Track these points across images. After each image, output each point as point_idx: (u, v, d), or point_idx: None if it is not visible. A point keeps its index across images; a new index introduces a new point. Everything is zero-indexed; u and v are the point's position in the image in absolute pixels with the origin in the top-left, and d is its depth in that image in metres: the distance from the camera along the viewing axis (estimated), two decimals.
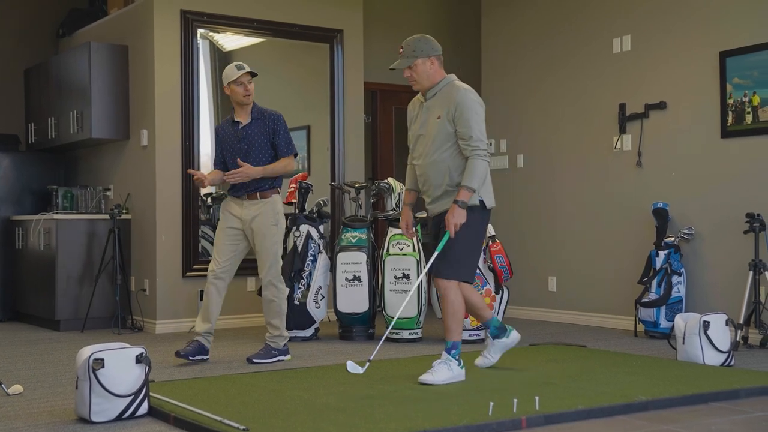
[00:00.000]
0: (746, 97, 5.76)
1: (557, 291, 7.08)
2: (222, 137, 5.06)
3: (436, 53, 4.26)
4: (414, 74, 4.23)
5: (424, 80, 4.25)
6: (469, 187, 4.10)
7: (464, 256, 4.22)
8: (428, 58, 4.23)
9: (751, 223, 5.51)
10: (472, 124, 4.15)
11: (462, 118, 4.15)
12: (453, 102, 4.18)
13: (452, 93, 4.22)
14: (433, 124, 4.23)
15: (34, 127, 7.76)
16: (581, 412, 3.53)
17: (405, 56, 4.24)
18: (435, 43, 4.28)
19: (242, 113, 5.00)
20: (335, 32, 7.25)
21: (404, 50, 4.25)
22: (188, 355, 4.87)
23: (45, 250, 6.78)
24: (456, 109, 4.16)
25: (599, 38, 6.75)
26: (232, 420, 3.28)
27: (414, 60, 4.21)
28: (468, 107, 4.17)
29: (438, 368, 4.14)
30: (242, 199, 4.97)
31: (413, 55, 4.22)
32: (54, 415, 3.62)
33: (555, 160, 7.10)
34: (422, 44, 4.24)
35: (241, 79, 4.89)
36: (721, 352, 4.69)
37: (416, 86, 4.30)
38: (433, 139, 4.22)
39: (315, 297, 5.88)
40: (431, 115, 4.25)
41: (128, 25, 6.96)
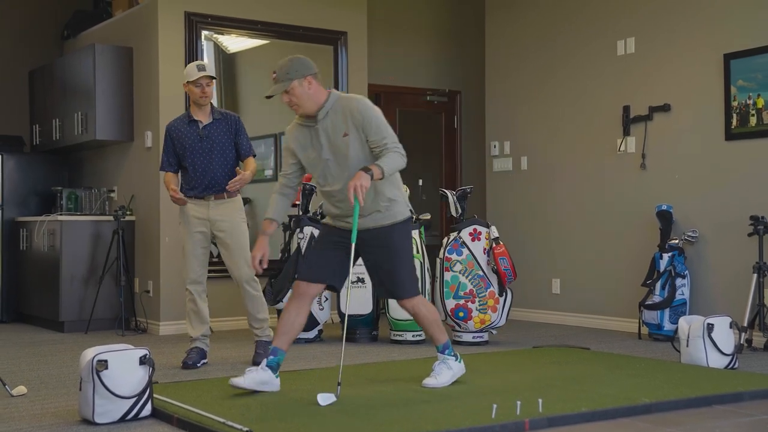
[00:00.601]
0: (750, 99, 5.75)
1: (561, 293, 7.07)
2: (177, 136, 4.97)
3: (312, 72, 3.96)
4: (293, 98, 3.92)
5: (306, 102, 3.93)
6: (380, 167, 3.82)
7: (413, 271, 4.17)
8: (304, 78, 3.91)
9: (755, 226, 5.50)
10: (383, 129, 3.95)
11: (371, 126, 3.93)
12: (355, 114, 3.93)
13: (349, 106, 3.96)
14: (343, 143, 3.94)
15: (38, 128, 7.77)
16: (585, 414, 3.53)
17: (279, 81, 3.92)
18: (309, 61, 3.99)
19: (200, 113, 4.99)
20: (339, 34, 7.26)
21: (277, 75, 3.93)
22: (195, 364, 4.88)
23: (49, 252, 6.80)
24: (362, 119, 3.92)
25: (603, 40, 6.75)
26: (236, 422, 3.28)
27: (289, 83, 3.89)
28: (372, 115, 3.95)
29: (438, 370, 4.14)
30: (207, 200, 4.95)
31: (288, 78, 3.90)
32: (57, 417, 3.63)
33: (559, 162, 7.10)
34: (296, 65, 3.94)
35: (199, 81, 4.91)
36: (725, 354, 4.68)
37: (299, 110, 3.97)
38: (350, 157, 3.94)
39: (318, 299, 5.88)
40: (335, 135, 3.95)
41: (133, 26, 6.98)
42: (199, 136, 4.95)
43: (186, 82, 4.96)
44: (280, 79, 3.93)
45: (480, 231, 5.73)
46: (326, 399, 3.67)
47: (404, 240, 4.08)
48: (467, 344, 5.70)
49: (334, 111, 3.97)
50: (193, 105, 5.01)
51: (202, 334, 4.98)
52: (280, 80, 3.93)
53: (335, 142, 3.96)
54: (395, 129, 6.82)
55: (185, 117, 5.04)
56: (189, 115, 5.02)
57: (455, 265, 5.69)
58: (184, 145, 4.95)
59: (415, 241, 5.77)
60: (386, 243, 4.03)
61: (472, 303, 5.65)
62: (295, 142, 4.07)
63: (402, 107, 8.35)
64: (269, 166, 7.43)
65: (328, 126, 3.97)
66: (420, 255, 5.77)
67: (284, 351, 4.04)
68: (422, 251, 5.80)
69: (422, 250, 5.80)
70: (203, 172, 4.94)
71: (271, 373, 3.98)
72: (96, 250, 6.75)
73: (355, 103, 3.98)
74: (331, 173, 4.00)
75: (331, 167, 3.99)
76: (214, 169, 4.95)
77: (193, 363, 4.87)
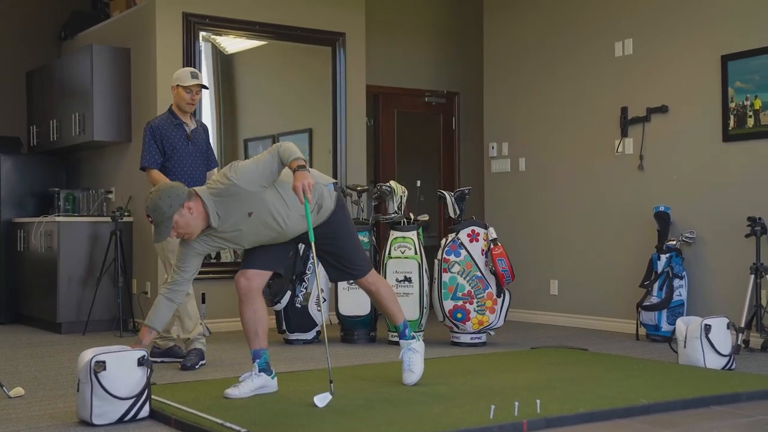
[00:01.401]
0: (748, 100, 5.76)
1: (559, 294, 7.08)
2: (165, 135, 4.94)
3: (183, 196, 3.65)
4: (181, 230, 3.67)
5: (194, 225, 3.69)
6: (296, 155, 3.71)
7: (361, 247, 4.18)
8: (180, 207, 3.62)
9: (753, 227, 5.51)
10: (254, 162, 3.76)
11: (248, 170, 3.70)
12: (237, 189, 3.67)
13: (229, 189, 3.68)
14: (256, 219, 3.75)
15: (36, 129, 7.77)
16: (582, 415, 3.53)
17: (159, 224, 3.63)
18: (176, 188, 3.67)
19: (185, 117, 5.05)
20: (338, 35, 7.26)
21: (154, 219, 3.63)
22: (194, 366, 4.87)
23: (47, 253, 6.79)
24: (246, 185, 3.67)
25: (601, 41, 6.76)
26: (234, 423, 3.28)
27: (171, 221, 3.62)
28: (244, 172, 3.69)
29: (409, 360, 4.14)
30: None
31: (167, 216, 3.60)
32: (55, 418, 3.62)
33: (557, 163, 7.10)
34: (165, 200, 3.60)
35: (191, 87, 4.95)
36: (723, 355, 4.68)
37: (190, 236, 3.72)
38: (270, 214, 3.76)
39: (317, 300, 5.88)
40: (242, 220, 3.74)
41: (130, 27, 6.97)
42: (187, 138, 4.98)
43: (176, 85, 4.97)
44: (158, 222, 3.63)
45: (478, 232, 5.73)
46: (323, 400, 3.66)
47: (346, 224, 4.03)
48: (465, 345, 5.70)
49: (224, 205, 3.70)
50: (177, 108, 5.04)
51: (200, 334, 4.97)
52: (161, 223, 3.63)
53: (242, 224, 3.75)
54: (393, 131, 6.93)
55: (169, 117, 5.03)
56: (174, 116, 5.03)
57: (453, 266, 5.69)
58: (172, 145, 4.95)
59: (413, 242, 5.78)
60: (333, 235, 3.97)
61: (470, 304, 5.65)
62: (199, 248, 3.83)
63: (400, 108, 8.35)
64: None
65: (231, 223, 3.75)
66: (418, 256, 5.77)
67: (265, 348, 4.02)
68: (420, 252, 5.80)
69: (420, 252, 5.80)
70: (190, 174, 4.97)
71: (265, 376, 3.99)
72: (94, 252, 6.75)
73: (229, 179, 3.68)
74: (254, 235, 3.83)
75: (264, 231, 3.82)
76: (198, 172, 5.01)
77: (191, 365, 4.86)
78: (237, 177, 3.69)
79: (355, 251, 4.10)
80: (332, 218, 3.98)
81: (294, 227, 3.88)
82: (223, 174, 3.75)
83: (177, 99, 5.00)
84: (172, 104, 5.06)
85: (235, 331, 6.56)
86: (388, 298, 4.19)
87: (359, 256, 4.12)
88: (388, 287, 4.27)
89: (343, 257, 4.06)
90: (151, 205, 3.65)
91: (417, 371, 4.14)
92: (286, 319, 5.86)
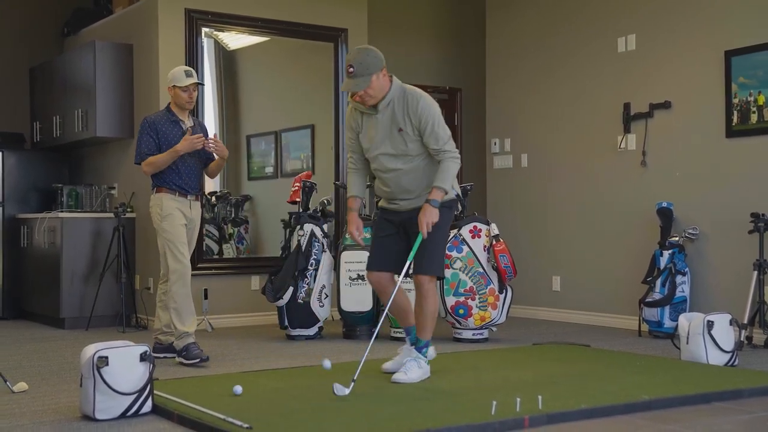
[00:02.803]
0: (751, 96, 5.75)
1: (561, 290, 7.07)
2: (162, 132, 4.96)
3: (384, 63, 4.06)
4: (371, 91, 4.01)
5: (380, 93, 4.05)
6: (441, 188, 4.06)
7: (442, 251, 4.28)
8: (381, 71, 4.02)
9: (756, 223, 5.50)
10: (437, 130, 4.07)
11: (427, 128, 4.06)
12: (413, 114, 4.06)
13: (409, 104, 4.07)
14: (398, 138, 4.10)
15: (39, 125, 7.78)
16: (584, 411, 3.53)
17: (359, 75, 3.97)
18: (379, 52, 4.08)
19: (183, 115, 5.06)
20: (340, 31, 7.26)
21: (356, 69, 3.96)
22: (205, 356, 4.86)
23: (50, 249, 6.80)
24: (420, 121, 4.06)
25: (604, 37, 6.74)
26: (236, 418, 3.29)
27: (370, 78, 3.97)
28: (429, 115, 4.06)
29: (410, 366, 4.17)
30: (188, 199, 4.99)
31: (368, 72, 3.96)
32: (58, 413, 3.63)
33: (559, 159, 7.10)
34: (372, 59, 4.00)
35: (188, 86, 4.97)
36: (725, 352, 4.68)
37: (370, 102, 4.06)
38: (403, 152, 4.12)
39: (319, 296, 5.88)
40: (392, 128, 4.10)
41: (133, 23, 6.98)
42: (182, 135, 4.97)
43: (172, 85, 4.99)
44: (359, 74, 3.96)
45: (480, 228, 5.73)
46: (341, 390, 3.75)
47: (442, 220, 4.12)
48: (467, 341, 5.70)
49: (396, 104, 4.08)
50: (175, 107, 5.05)
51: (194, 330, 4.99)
52: (360, 75, 3.96)
53: (391, 133, 4.10)
54: None
55: (166, 114, 5.04)
56: (171, 113, 5.04)
57: (455, 263, 5.69)
58: (168, 141, 4.95)
59: None
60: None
61: (472, 300, 5.65)
62: (354, 123, 4.22)
63: None
64: (270, 164, 7.44)
65: (386, 117, 4.10)
66: None
67: (413, 325, 4.29)
68: None
69: None
70: (188, 171, 4.99)
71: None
72: (97, 247, 6.76)
73: (413, 103, 4.06)
74: (382, 160, 4.15)
75: (383, 155, 4.14)
76: (193, 170, 5.03)
77: (206, 356, 4.84)
78: (425, 104, 4.05)
79: (435, 247, 4.16)
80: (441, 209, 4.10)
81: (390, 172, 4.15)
82: (419, 91, 4.11)
83: (175, 99, 5.02)
84: (170, 102, 5.08)
85: (237, 327, 6.57)
86: (428, 312, 4.20)
87: (430, 255, 4.15)
88: (434, 304, 4.24)
89: (421, 246, 4.11)
90: (358, 57, 3.98)
91: (409, 378, 4.13)
92: (288, 315, 5.87)
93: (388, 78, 4.08)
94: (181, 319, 4.89)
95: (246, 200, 7.30)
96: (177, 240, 4.90)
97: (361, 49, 4.06)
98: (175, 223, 4.91)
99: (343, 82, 4.07)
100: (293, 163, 7.40)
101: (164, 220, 4.92)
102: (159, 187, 4.97)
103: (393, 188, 4.19)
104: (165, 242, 4.91)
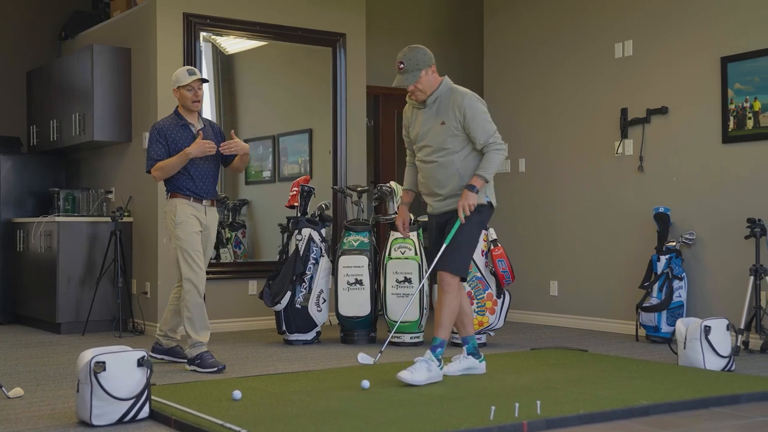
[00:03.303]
0: (747, 102, 5.76)
1: (558, 295, 7.08)
2: (171, 138, 4.87)
3: (433, 60, 4.33)
4: (420, 86, 4.27)
5: (429, 88, 4.30)
6: (482, 176, 4.23)
7: (466, 251, 4.34)
8: (430, 67, 4.29)
9: (752, 228, 5.51)
10: (484, 125, 4.27)
11: (475, 124, 4.25)
12: (459, 109, 4.27)
13: (455, 100, 4.29)
14: (438, 130, 4.31)
15: (36, 129, 7.77)
16: (582, 416, 3.53)
17: (408, 71, 4.25)
18: (428, 50, 4.34)
19: (191, 117, 4.97)
20: (338, 36, 7.26)
21: (406, 65, 4.25)
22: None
23: (46, 253, 6.79)
24: (464, 117, 4.26)
25: (601, 43, 6.76)
26: (233, 423, 3.28)
27: (419, 74, 4.24)
28: (475, 110, 4.27)
29: (418, 367, 4.17)
30: (204, 204, 4.90)
31: (417, 68, 4.25)
32: (55, 419, 3.62)
33: (556, 164, 7.10)
34: (421, 55, 4.27)
35: (191, 85, 4.88)
36: (722, 357, 4.68)
37: (421, 97, 4.32)
38: (440, 145, 4.31)
39: (317, 300, 5.88)
40: (435, 122, 4.32)
41: (131, 27, 6.97)
42: (193, 139, 4.88)
43: (177, 87, 4.91)
44: (409, 69, 4.24)
45: None
46: (365, 359, 4.00)
47: (471, 221, 4.26)
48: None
49: (442, 99, 4.32)
50: (183, 109, 4.96)
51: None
52: (410, 71, 4.24)
53: (433, 127, 4.32)
54: (393, 131, 6.88)
55: (175, 119, 4.95)
56: (180, 117, 4.95)
57: None
58: (178, 146, 4.85)
59: (413, 243, 5.78)
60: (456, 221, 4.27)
61: (470, 305, 5.64)
62: (406, 119, 4.51)
63: (400, 109, 8.28)
64: (267, 168, 7.44)
65: (432, 111, 4.33)
66: (418, 257, 5.77)
67: (473, 335, 4.52)
68: (421, 253, 5.79)
69: (421, 252, 5.80)
70: (201, 175, 4.89)
71: (473, 359, 4.47)
72: (93, 252, 6.74)
73: (460, 99, 4.27)
74: (424, 151, 4.38)
75: (425, 146, 4.36)
76: (209, 173, 4.94)
77: (222, 365, 4.77)
78: (471, 101, 4.26)
79: (460, 246, 4.27)
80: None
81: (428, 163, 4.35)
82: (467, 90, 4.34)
83: (181, 100, 4.93)
84: (178, 106, 4.99)
85: (235, 332, 6.56)
86: (449, 309, 4.27)
87: (453, 253, 4.26)
88: (453, 302, 4.28)
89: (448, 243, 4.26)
90: (408, 54, 4.26)
91: (414, 378, 4.13)
92: (285, 320, 5.86)
93: (437, 76, 4.33)
94: (195, 329, 4.81)
95: (243, 204, 7.30)
96: (190, 248, 4.81)
97: (411, 47, 4.32)
98: (188, 231, 4.82)
99: (395, 78, 4.31)
100: (291, 167, 7.40)
101: (177, 227, 4.83)
102: (173, 193, 4.87)
103: (427, 180, 4.39)
104: (179, 250, 4.84)
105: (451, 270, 4.26)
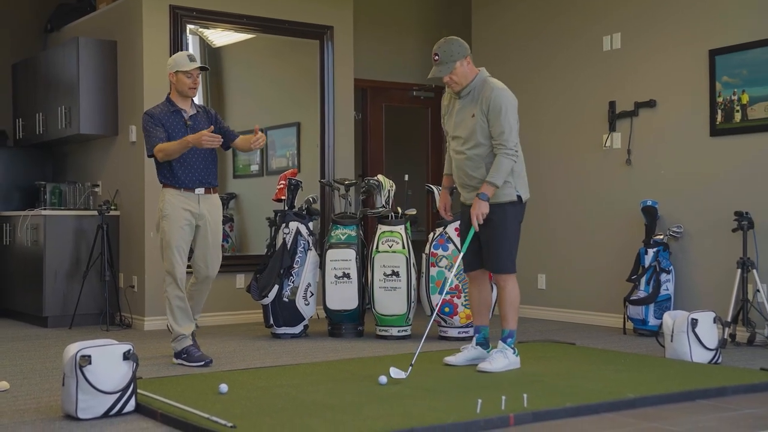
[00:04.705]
0: (735, 95, 5.77)
1: (546, 288, 7.09)
2: (165, 124, 4.79)
3: (469, 52, 4.39)
4: (454, 77, 4.34)
5: (464, 81, 4.37)
6: (491, 183, 4.29)
7: (509, 248, 4.46)
8: (464, 58, 4.35)
9: (740, 221, 5.53)
10: (503, 122, 4.30)
11: (495, 117, 4.30)
12: (487, 101, 4.33)
13: (487, 92, 4.35)
14: (469, 122, 4.38)
15: (21, 122, 7.71)
16: (569, 409, 3.54)
17: (443, 63, 4.32)
18: (464, 42, 4.40)
19: (184, 103, 4.88)
20: (325, 29, 7.23)
21: (441, 57, 4.32)
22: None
23: (33, 247, 6.75)
24: (490, 109, 4.31)
25: (589, 36, 6.76)
26: (220, 417, 3.27)
27: (454, 65, 4.31)
28: (500, 104, 4.31)
29: (495, 357, 4.37)
30: (196, 194, 4.81)
31: (452, 60, 4.31)
32: (40, 412, 3.60)
33: (544, 157, 7.10)
34: (456, 47, 4.34)
35: (191, 72, 4.82)
36: (709, 349, 4.70)
37: (456, 88, 4.39)
38: (469, 136, 4.38)
39: (304, 294, 5.86)
40: (467, 113, 4.39)
41: (117, 20, 6.93)
42: (185, 126, 4.81)
43: (175, 71, 4.81)
44: (444, 61, 4.32)
45: None
46: (398, 373, 4.00)
47: (505, 219, 4.38)
48: (453, 339, 5.70)
49: (476, 91, 4.39)
50: (176, 95, 4.87)
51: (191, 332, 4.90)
52: (445, 62, 4.32)
53: (464, 118, 4.39)
54: (381, 125, 6.89)
55: (166, 105, 4.87)
56: (171, 103, 4.87)
57: (441, 261, 5.69)
58: (170, 133, 4.77)
59: (401, 236, 5.77)
60: (488, 219, 4.34)
61: (457, 298, 5.65)
62: (443, 107, 4.60)
63: (388, 102, 8.33)
64: (255, 161, 7.41)
65: (466, 103, 4.41)
66: (406, 250, 5.76)
67: (486, 325, 4.58)
68: (408, 247, 5.79)
69: (408, 246, 5.79)
70: (192, 164, 4.80)
71: (481, 349, 4.53)
72: (80, 245, 6.71)
73: (491, 92, 4.34)
74: (455, 142, 4.47)
75: (456, 137, 4.45)
76: (204, 160, 4.84)
77: (210, 359, 4.77)
78: (499, 95, 4.31)
79: (499, 247, 4.40)
80: (499, 207, 4.36)
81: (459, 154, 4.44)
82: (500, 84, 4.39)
83: (178, 85, 4.82)
84: (170, 92, 4.90)
85: (222, 325, 6.55)
86: (508, 303, 4.46)
87: (501, 254, 4.41)
88: (512, 294, 4.47)
89: (486, 245, 4.41)
90: (443, 45, 4.34)
91: (494, 367, 4.32)
92: (273, 313, 5.85)
93: (473, 67, 4.40)
94: (176, 321, 4.80)
95: (231, 198, 7.27)
96: (172, 242, 4.76)
97: (447, 38, 4.39)
98: (173, 225, 4.75)
99: (431, 70, 4.39)
100: (279, 160, 7.38)
101: (163, 219, 4.79)
102: (164, 184, 4.82)
103: (458, 171, 4.48)
104: (162, 242, 4.81)
105: (500, 271, 4.45)
